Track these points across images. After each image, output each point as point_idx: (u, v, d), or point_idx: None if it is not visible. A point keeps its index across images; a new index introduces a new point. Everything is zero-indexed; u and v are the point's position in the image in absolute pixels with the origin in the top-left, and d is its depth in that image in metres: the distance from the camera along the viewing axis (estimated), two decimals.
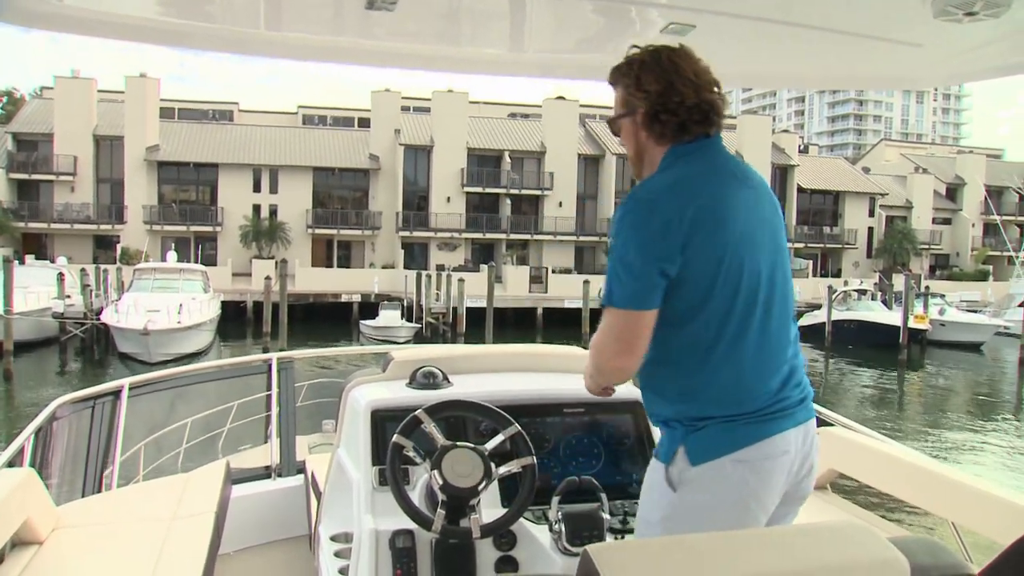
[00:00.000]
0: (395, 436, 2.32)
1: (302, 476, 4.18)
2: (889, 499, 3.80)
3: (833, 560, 1.40)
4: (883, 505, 6.72)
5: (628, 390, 2.88)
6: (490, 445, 2.34)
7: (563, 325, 41.31)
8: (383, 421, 2.61)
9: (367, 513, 2.44)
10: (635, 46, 2.23)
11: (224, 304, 37.79)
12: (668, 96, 2.15)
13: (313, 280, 47.63)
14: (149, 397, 4.82)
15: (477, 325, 36.95)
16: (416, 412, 2.35)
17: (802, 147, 73.75)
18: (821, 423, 4.13)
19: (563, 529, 2.33)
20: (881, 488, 3.65)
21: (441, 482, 2.23)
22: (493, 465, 2.32)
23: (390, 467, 2.31)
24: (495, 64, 3.08)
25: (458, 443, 2.31)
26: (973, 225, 68.52)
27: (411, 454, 2.31)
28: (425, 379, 2.80)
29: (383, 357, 3.02)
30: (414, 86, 68.80)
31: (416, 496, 2.40)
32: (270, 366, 4.75)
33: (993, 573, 1.94)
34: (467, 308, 38.88)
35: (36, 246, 49.35)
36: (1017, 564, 1.92)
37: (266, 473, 4.36)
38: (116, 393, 4.31)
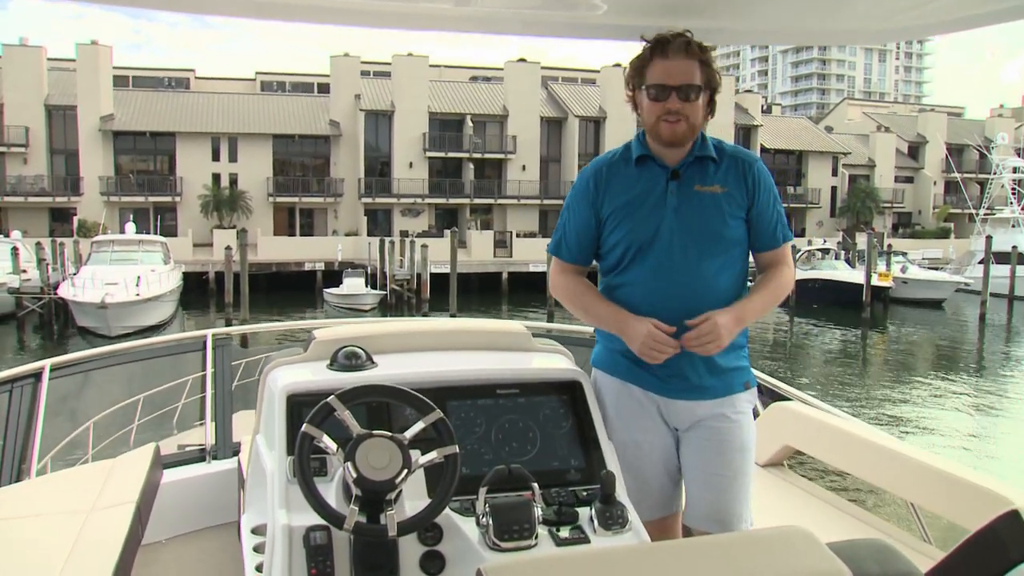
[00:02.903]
0: (304, 425, 2.12)
1: (237, 459, 3.99)
2: (847, 477, 3.69)
3: (767, 572, 1.24)
4: (841, 483, 6.65)
5: (566, 370, 2.70)
6: (409, 433, 2.15)
7: (528, 289, 41.20)
8: (299, 407, 2.40)
9: (281, 507, 2.24)
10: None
11: (186, 275, 37.32)
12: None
13: (275, 249, 47.12)
14: (95, 375, 4.59)
15: (442, 291, 36.78)
16: (328, 398, 2.15)
17: (765, 107, 73.91)
18: (778, 397, 4.02)
19: (491, 522, 2.16)
20: (839, 467, 3.52)
21: (355, 475, 2.05)
22: (418, 454, 2.14)
23: (298, 459, 2.11)
24: (440, 20, 2.86)
25: (374, 432, 2.12)
26: (935, 183, 69.21)
27: (323, 444, 2.12)
28: (347, 360, 2.59)
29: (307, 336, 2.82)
30: (374, 50, 67.96)
31: (332, 490, 2.22)
32: (205, 343, 4.53)
33: (960, 558, 1.80)
34: (432, 274, 38.69)
35: None
36: (984, 550, 1.78)
37: (201, 456, 4.16)
38: (37, 375, 4.07)
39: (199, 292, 40.28)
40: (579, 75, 73.15)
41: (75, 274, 31.40)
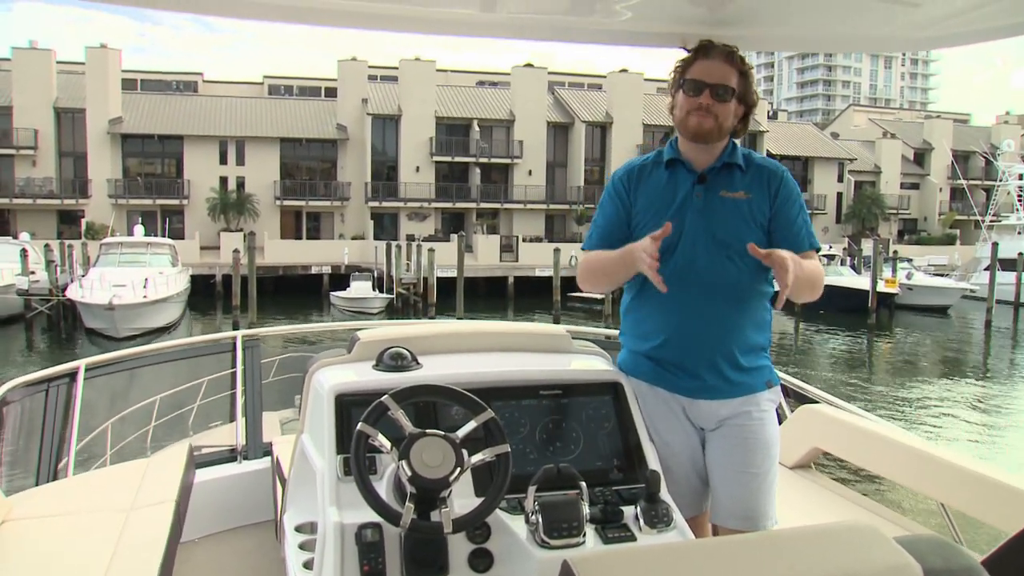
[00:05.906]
0: (360, 424, 2.16)
1: (269, 459, 4.03)
2: (874, 478, 3.72)
3: (841, 566, 1.29)
4: (867, 484, 6.65)
5: (607, 371, 2.75)
6: (462, 432, 2.20)
7: (534, 294, 41.19)
8: (348, 406, 2.44)
9: (331, 505, 2.28)
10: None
11: (193, 278, 37.39)
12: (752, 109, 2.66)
13: (282, 252, 47.19)
14: (111, 377, 4.63)
15: (448, 295, 36.78)
16: (382, 398, 2.20)
17: (771, 113, 73.92)
18: (805, 400, 4.06)
19: (540, 520, 2.20)
20: (868, 468, 3.55)
21: (410, 473, 2.08)
22: (465, 453, 2.18)
23: (354, 458, 2.15)
24: (467, 25, 2.89)
25: (427, 431, 2.17)
26: (940, 190, 69.15)
27: (377, 443, 2.16)
28: (393, 361, 2.63)
29: (349, 336, 2.86)
30: (381, 55, 68.05)
31: (383, 487, 2.26)
32: (235, 344, 4.58)
33: (1004, 559, 1.83)
34: (438, 278, 38.67)
35: None
36: None
37: (232, 456, 4.20)
38: (72, 375, 4.12)
39: (206, 295, 40.33)
40: (586, 80, 73.22)
41: (83, 276, 31.50)
